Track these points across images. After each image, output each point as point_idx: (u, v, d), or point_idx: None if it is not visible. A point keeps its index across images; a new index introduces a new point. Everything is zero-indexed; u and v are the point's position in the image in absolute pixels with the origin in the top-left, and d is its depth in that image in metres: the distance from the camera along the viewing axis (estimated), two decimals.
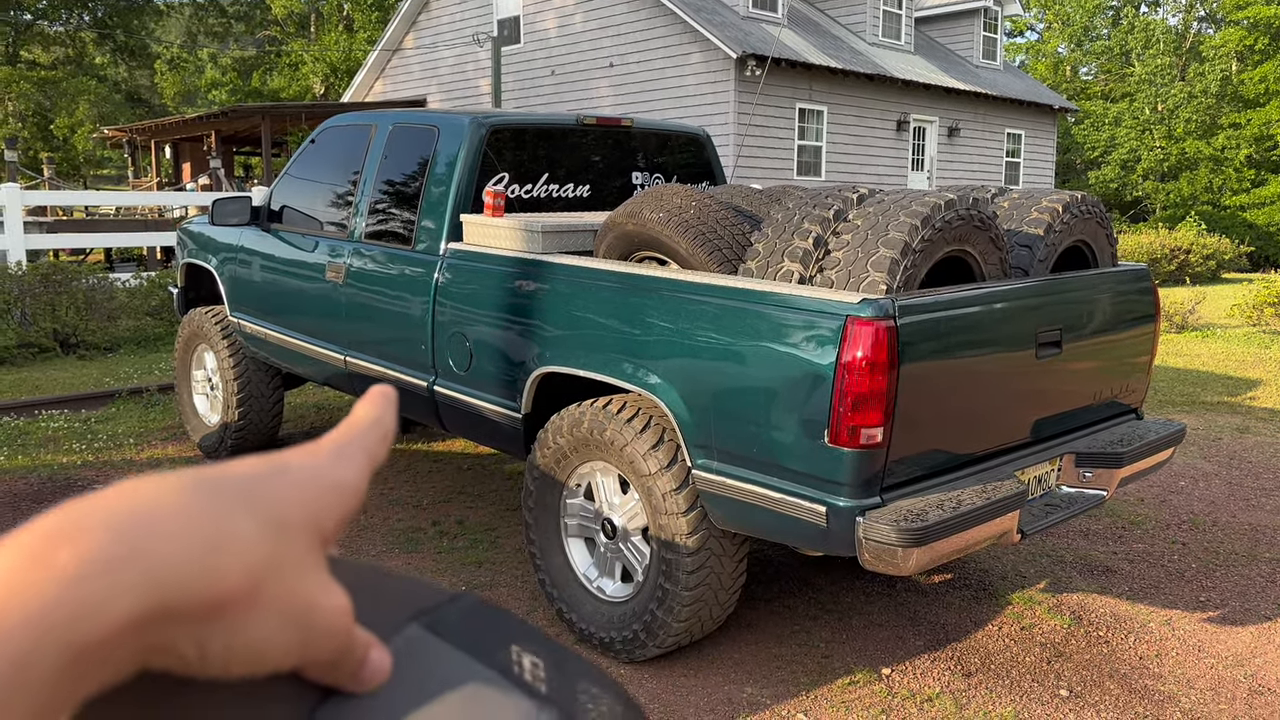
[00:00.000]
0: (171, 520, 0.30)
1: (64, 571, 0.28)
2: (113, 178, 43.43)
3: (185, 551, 0.29)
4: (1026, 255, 3.43)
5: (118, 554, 0.28)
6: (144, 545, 0.29)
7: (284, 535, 0.32)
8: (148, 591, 0.28)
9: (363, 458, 0.37)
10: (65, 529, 0.29)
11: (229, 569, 0.30)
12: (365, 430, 0.38)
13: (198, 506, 0.31)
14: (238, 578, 0.30)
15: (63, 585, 0.27)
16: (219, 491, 0.32)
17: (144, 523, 0.29)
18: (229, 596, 0.30)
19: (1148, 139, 31.34)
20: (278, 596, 0.31)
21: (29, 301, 9.29)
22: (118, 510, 0.29)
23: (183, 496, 0.31)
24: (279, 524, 0.32)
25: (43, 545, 0.28)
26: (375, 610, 0.37)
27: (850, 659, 3.56)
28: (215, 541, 0.30)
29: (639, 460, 3.25)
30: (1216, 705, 3.29)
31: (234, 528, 0.31)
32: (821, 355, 2.79)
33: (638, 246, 3.63)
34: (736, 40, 15.40)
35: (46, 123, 34.80)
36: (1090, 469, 3.45)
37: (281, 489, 0.34)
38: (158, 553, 0.29)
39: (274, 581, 0.31)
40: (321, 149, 4.98)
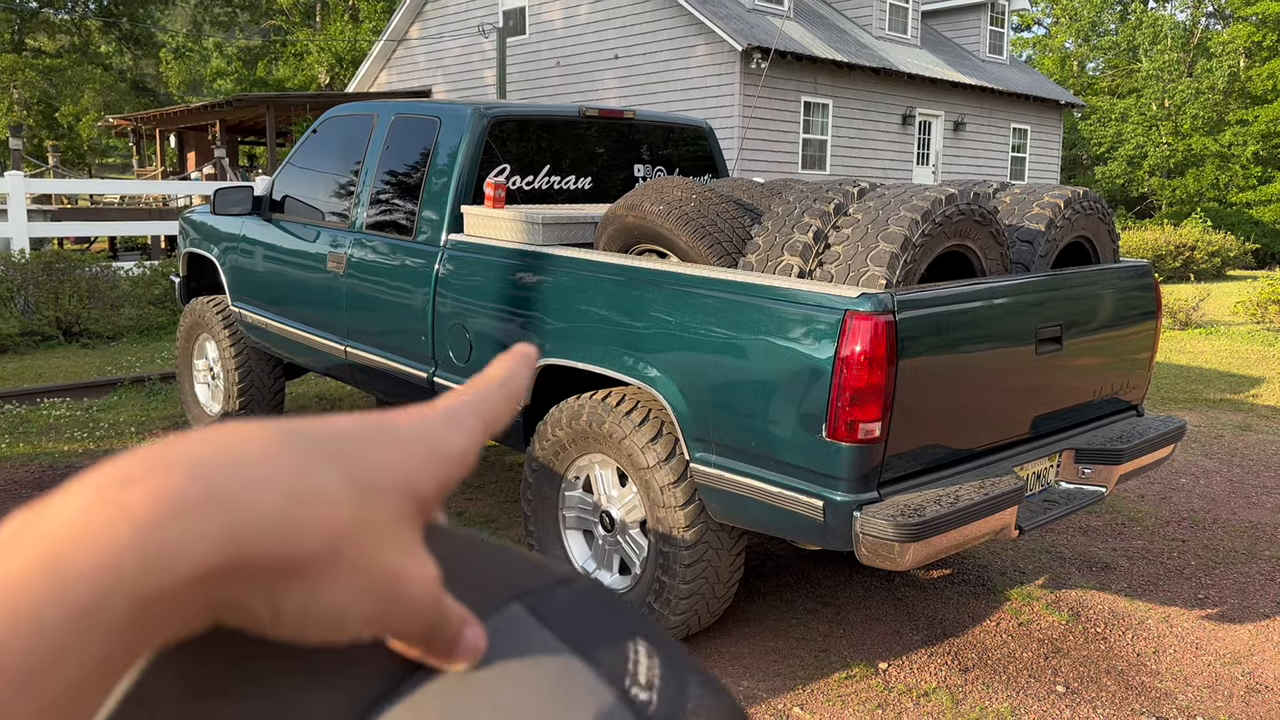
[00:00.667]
0: (255, 468, 0.28)
1: (137, 514, 0.26)
2: (117, 166, 43.48)
3: (267, 502, 0.28)
4: (1028, 251, 3.42)
5: (195, 498, 0.27)
6: (224, 491, 0.27)
7: (373, 497, 0.30)
8: (225, 542, 0.27)
9: (476, 423, 0.35)
10: (140, 469, 0.27)
11: (311, 526, 0.28)
12: (486, 392, 0.36)
13: (285, 457, 0.29)
14: (318, 536, 0.29)
15: (135, 529, 0.26)
16: (310, 444, 0.30)
17: (226, 468, 0.28)
18: (308, 556, 0.28)
19: (1154, 135, 31.23)
20: (360, 561, 0.30)
21: (32, 289, 9.30)
22: (198, 453, 0.28)
23: (270, 445, 0.29)
24: (369, 485, 0.31)
25: (115, 486, 0.27)
26: (475, 585, 0.34)
27: (847, 653, 3.56)
28: (299, 495, 0.28)
29: (637, 453, 3.25)
30: (1214, 702, 3.29)
31: (320, 483, 0.29)
32: (820, 349, 2.78)
33: (638, 239, 3.62)
34: (742, 33, 15.36)
35: (51, 111, 34.84)
36: (1090, 465, 3.45)
37: (378, 450, 0.32)
38: (238, 500, 0.27)
39: (357, 545, 0.30)
40: (323, 139, 4.98)
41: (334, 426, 0.31)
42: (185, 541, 0.26)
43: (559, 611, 0.34)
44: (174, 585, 0.26)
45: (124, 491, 0.26)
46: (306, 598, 0.28)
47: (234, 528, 0.27)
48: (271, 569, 0.28)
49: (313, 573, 0.28)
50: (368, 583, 0.30)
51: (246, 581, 0.27)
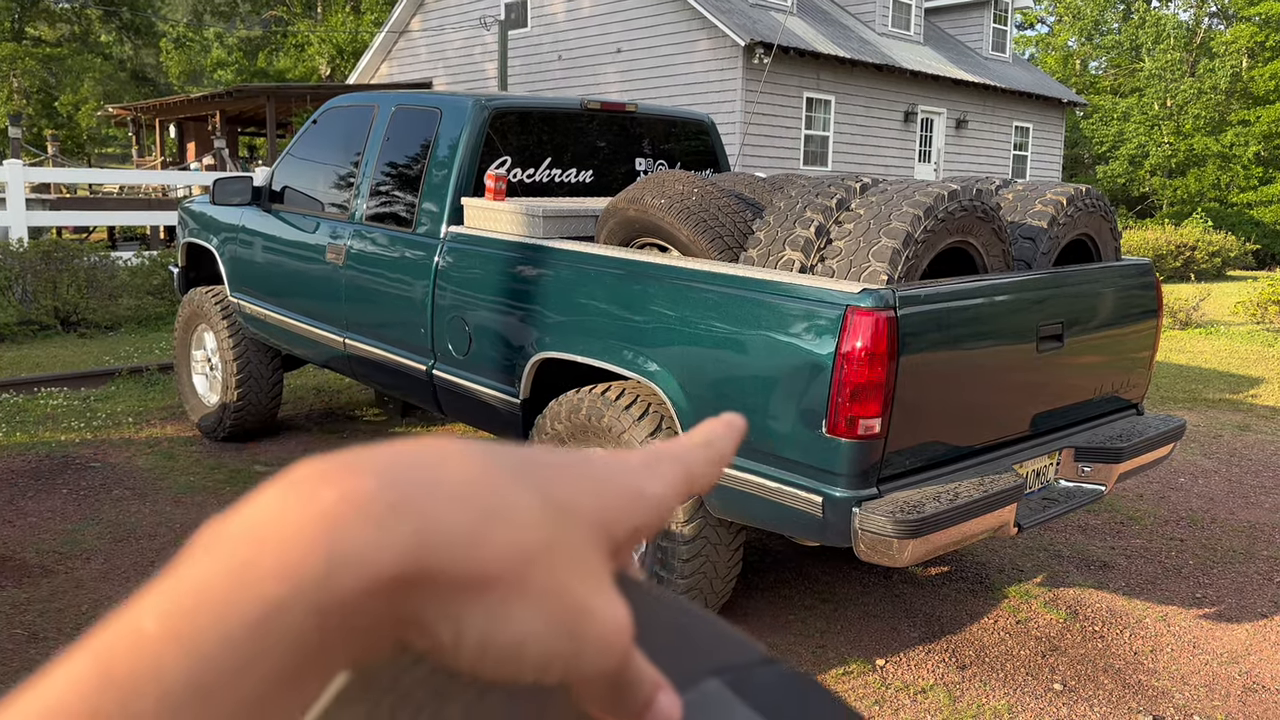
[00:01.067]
0: (449, 478, 0.28)
1: (328, 513, 0.25)
2: (117, 156, 43.39)
3: (458, 512, 0.27)
4: (1030, 248, 3.41)
5: (387, 502, 0.26)
6: (416, 497, 0.27)
7: (567, 524, 0.29)
8: (412, 549, 0.26)
9: (678, 474, 0.34)
10: (336, 470, 0.27)
11: (500, 543, 0.28)
12: (690, 448, 0.35)
13: (480, 470, 0.28)
14: (507, 554, 0.28)
15: (325, 529, 0.25)
16: (507, 463, 0.29)
17: (420, 475, 0.27)
18: (494, 573, 0.27)
19: (1156, 135, 31.20)
20: (548, 589, 0.28)
21: (30, 279, 9.28)
22: (395, 460, 0.27)
23: (467, 458, 0.29)
24: (563, 509, 0.30)
25: (308, 485, 0.26)
26: (672, 654, 0.32)
27: (845, 649, 3.56)
28: (492, 508, 0.28)
29: (636, 447, 3.23)
30: (1211, 702, 3.29)
31: (514, 501, 0.28)
32: (821, 345, 2.77)
33: (639, 233, 3.61)
34: (744, 27, 15.33)
35: (51, 100, 34.77)
36: (1089, 463, 3.44)
37: (575, 479, 0.31)
38: (429, 507, 0.27)
39: (546, 570, 0.28)
40: (323, 130, 4.96)
41: (533, 452, 0.31)
42: (374, 545, 0.25)
43: (762, 691, 0.32)
44: (360, 590, 0.25)
45: (317, 490, 0.26)
46: (490, 620, 0.27)
47: (422, 536, 0.26)
48: (457, 583, 0.27)
49: (498, 593, 0.28)
50: (554, 613, 0.28)
51: (431, 595, 0.27)
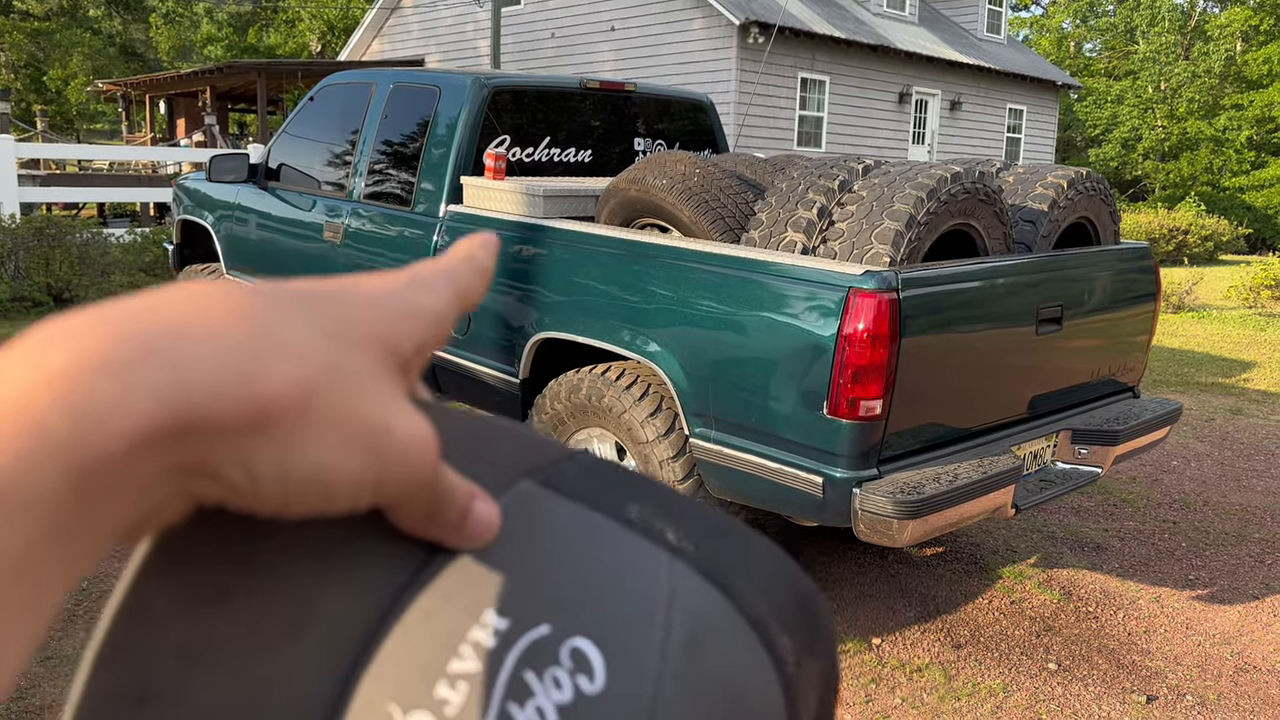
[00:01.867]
0: (205, 319, 0.26)
1: (61, 374, 0.24)
2: (106, 132, 43.02)
3: (220, 351, 0.25)
4: (1030, 231, 3.42)
5: (128, 353, 0.24)
6: (165, 343, 0.25)
7: (346, 345, 0.28)
8: (169, 394, 0.24)
9: (448, 289, 0.33)
10: (64, 331, 0.25)
11: (274, 375, 0.26)
12: (455, 265, 0.34)
13: (243, 307, 0.27)
14: (284, 385, 0.26)
15: (57, 389, 0.23)
16: (274, 298, 0.28)
17: (167, 321, 0.25)
18: (274, 403, 0.26)
19: (1149, 118, 31.23)
20: (337, 412, 0.27)
21: (22, 255, 9.22)
22: (135, 311, 0.25)
23: (228, 299, 0.27)
24: (340, 334, 0.29)
25: (37, 348, 0.24)
26: (480, 463, 0.33)
27: (841, 629, 3.58)
28: (261, 342, 0.26)
29: (636, 427, 3.24)
30: (1203, 681, 3.32)
31: (284, 332, 0.27)
32: (823, 326, 2.78)
33: (640, 213, 3.60)
34: (739, 6, 15.24)
35: (39, 75, 34.41)
36: (1086, 446, 3.46)
37: (347, 304, 0.30)
38: (183, 352, 0.25)
39: (332, 394, 0.27)
40: (320, 107, 4.92)
41: (299, 285, 0.30)
42: (119, 397, 0.24)
43: (572, 483, 0.33)
44: (115, 445, 0.24)
45: (45, 353, 0.24)
46: (282, 454, 0.26)
47: (180, 380, 0.25)
48: (234, 423, 0.25)
49: (284, 425, 0.26)
50: (350, 436, 0.27)
51: (208, 440, 0.25)
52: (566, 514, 0.32)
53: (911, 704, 3.13)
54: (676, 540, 0.33)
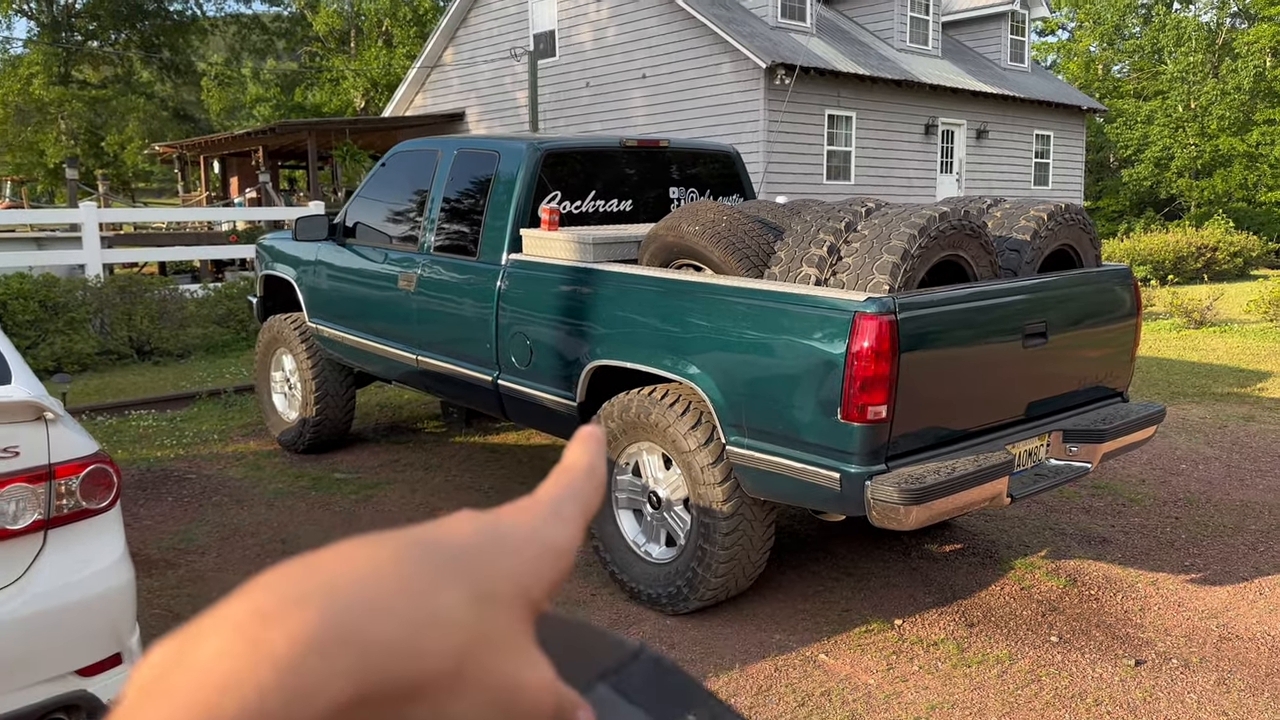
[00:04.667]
0: (384, 595, 0.28)
1: (278, 655, 0.26)
2: (155, 191, 44.79)
3: (396, 630, 0.28)
4: (1015, 258, 3.93)
5: (331, 635, 0.27)
6: (356, 624, 0.27)
7: (493, 610, 0.31)
8: (357, 674, 0.27)
9: (579, 514, 0.36)
10: (276, 606, 0.28)
11: (435, 649, 0.29)
12: (580, 481, 0.37)
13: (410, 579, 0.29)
14: (442, 659, 0.29)
15: (276, 671, 0.26)
16: (430, 561, 0.30)
17: (357, 598, 0.28)
18: (432, 678, 0.29)
19: (1181, 136, 31.37)
20: (482, 676, 0.30)
21: (107, 312, 10.02)
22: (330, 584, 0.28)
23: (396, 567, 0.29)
24: (489, 598, 0.31)
25: (255, 625, 0.27)
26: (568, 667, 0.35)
27: (866, 612, 4.07)
28: (424, 619, 0.29)
29: (680, 439, 3.78)
30: (1189, 648, 3.76)
31: (444, 603, 0.29)
32: (834, 345, 3.31)
33: (677, 255, 4.17)
34: (766, 50, 15.91)
35: (98, 140, 36.08)
36: (1076, 444, 3.94)
37: (496, 559, 0.32)
38: (369, 632, 0.28)
39: (479, 660, 0.30)
40: (391, 171, 5.57)
41: (451, 536, 0.32)
42: (323, 679, 0.27)
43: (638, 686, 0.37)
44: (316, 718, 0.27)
45: (264, 631, 0.27)
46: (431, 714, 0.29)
47: (364, 661, 0.27)
48: (400, 693, 0.28)
49: (437, 693, 0.29)
50: (489, 696, 0.30)
51: (375, 708, 0.28)
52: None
53: (927, 671, 3.61)
54: None
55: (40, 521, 2.49)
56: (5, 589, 2.44)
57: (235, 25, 40.22)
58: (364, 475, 5.99)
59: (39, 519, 2.48)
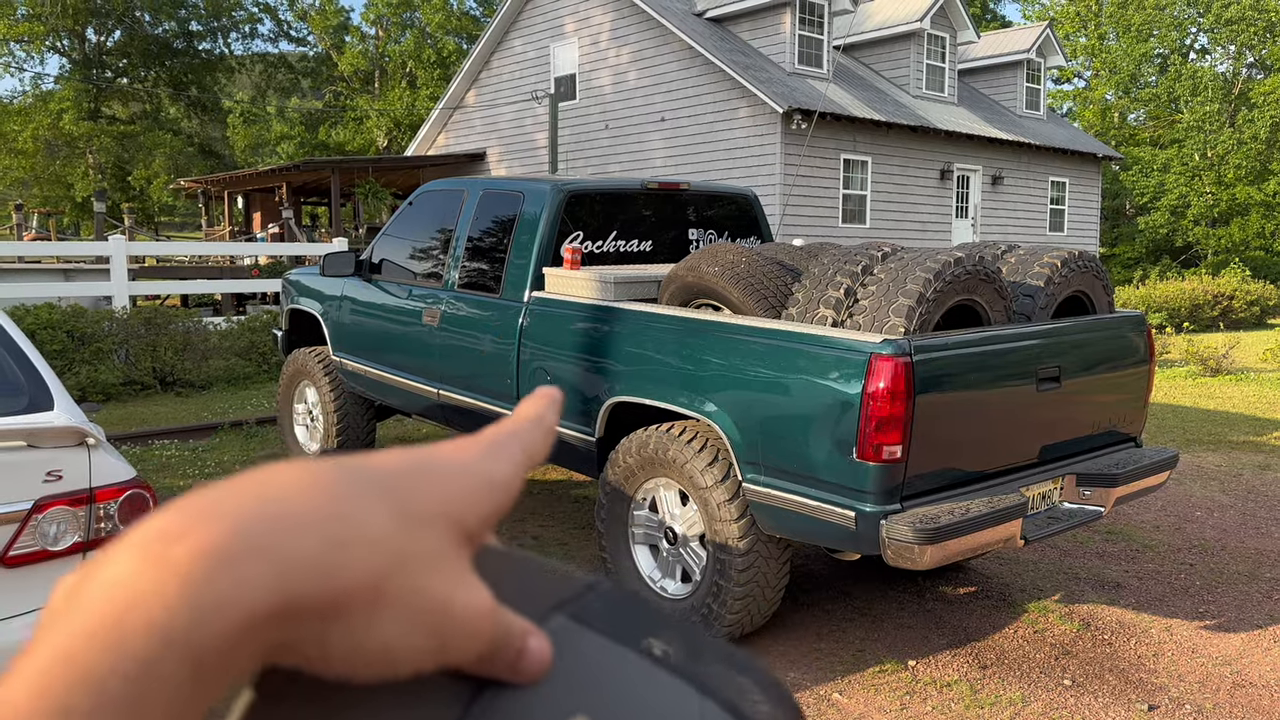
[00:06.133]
0: (297, 512, 0.28)
1: (183, 570, 0.26)
2: (178, 224, 45.43)
3: (310, 544, 0.28)
4: (1029, 303, 4.00)
5: (239, 549, 0.27)
6: (269, 538, 0.27)
7: (418, 530, 0.31)
8: (271, 588, 0.27)
9: (519, 453, 0.36)
10: (183, 524, 0.27)
11: (355, 566, 0.29)
12: (525, 426, 0.37)
13: (328, 498, 0.29)
14: (361, 575, 0.29)
15: (183, 585, 0.26)
16: (355, 482, 0.30)
17: (267, 515, 0.28)
18: (351, 595, 0.29)
19: (1197, 185, 31.46)
20: (406, 595, 0.30)
21: (132, 343, 10.18)
22: (240, 502, 0.28)
23: (313, 486, 0.29)
24: (413, 518, 0.31)
25: (159, 543, 0.27)
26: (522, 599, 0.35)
27: (881, 653, 4.09)
28: (343, 535, 0.29)
29: (697, 475, 3.85)
30: (1202, 694, 3.77)
31: (363, 522, 0.29)
32: (850, 386, 3.38)
33: (696, 295, 4.26)
34: (783, 95, 16.14)
35: (125, 174, 36.70)
36: (1089, 488, 3.98)
37: (423, 483, 0.32)
38: (283, 546, 0.28)
39: (402, 579, 0.30)
40: (418, 210, 5.71)
41: (380, 462, 0.32)
42: (233, 592, 0.27)
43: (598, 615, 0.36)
44: (227, 635, 0.27)
45: (169, 549, 0.27)
46: (354, 634, 0.29)
47: (279, 573, 0.27)
48: (316, 610, 0.28)
49: (358, 610, 0.29)
50: (416, 616, 0.30)
51: (294, 623, 0.28)
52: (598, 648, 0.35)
53: (940, 711, 3.63)
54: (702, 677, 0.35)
55: (80, 544, 2.57)
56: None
57: (262, 64, 41.04)
58: None
59: (79, 541, 2.57)
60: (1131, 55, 36.18)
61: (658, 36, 18.06)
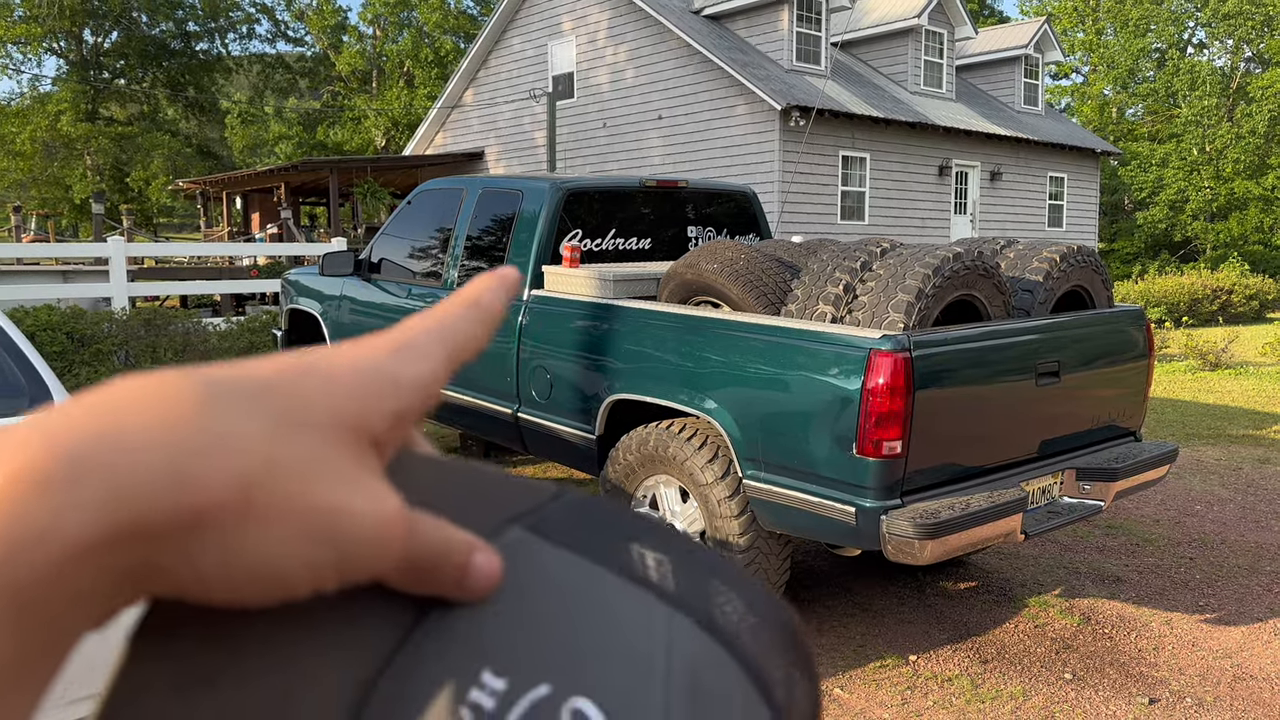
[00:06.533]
0: (142, 424, 0.26)
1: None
2: (176, 225, 45.43)
3: (155, 458, 0.25)
4: (1028, 299, 4.00)
5: (62, 470, 0.24)
6: (98, 457, 0.25)
7: (296, 435, 0.28)
8: (106, 508, 0.24)
9: (437, 349, 0.32)
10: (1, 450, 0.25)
11: (208, 475, 0.26)
12: (453, 315, 0.34)
13: (183, 407, 0.26)
14: (219, 485, 0.26)
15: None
16: (221, 390, 0.27)
17: (101, 431, 0.25)
18: (209, 504, 0.26)
19: (1196, 179, 31.47)
20: (281, 503, 0.27)
21: (132, 344, 10.18)
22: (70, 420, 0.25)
23: (164, 397, 0.26)
24: (294, 423, 0.28)
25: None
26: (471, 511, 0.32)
27: (881, 648, 4.10)
28: (194, 445, 0.26)
29: (697, 472, 3.85)
30: (1203, 687, 3.78)
31: (226, 428, 0.26)
32: (850, 381, 3.38)
33: (695, 292, 4.27)
34: (781, 93, 16.13)
35: (123, 175, 36.69)
36: (1089, 482, 3.98)
37: (305, 388, 0.29)
38: (117, 462, 0.25)
39: (275, 486, 0.27)
40: (417, 209, 5.71)
41: (253, 369, 0.29)
42: (57, 516, 0.24)
43: (560, 526, 0.33)
44: (52, 564, 0.24)
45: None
46: (225, 551, 0.26)
47: (115, 492, 0.25)
48: (172, 526, 0.25)
49: (223, 523, 0.26)
50: (298, 525, 0.27)
51: (145, 545, 0.25)
52: (558, 562, 0.32)
53: (942, 706, 3.64)
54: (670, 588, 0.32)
55: None
56: None
57: (259, 64, 41.02)
58: None
59: None
60: (1129, 50, 36.18)
61: (655, 34, 18.06)
